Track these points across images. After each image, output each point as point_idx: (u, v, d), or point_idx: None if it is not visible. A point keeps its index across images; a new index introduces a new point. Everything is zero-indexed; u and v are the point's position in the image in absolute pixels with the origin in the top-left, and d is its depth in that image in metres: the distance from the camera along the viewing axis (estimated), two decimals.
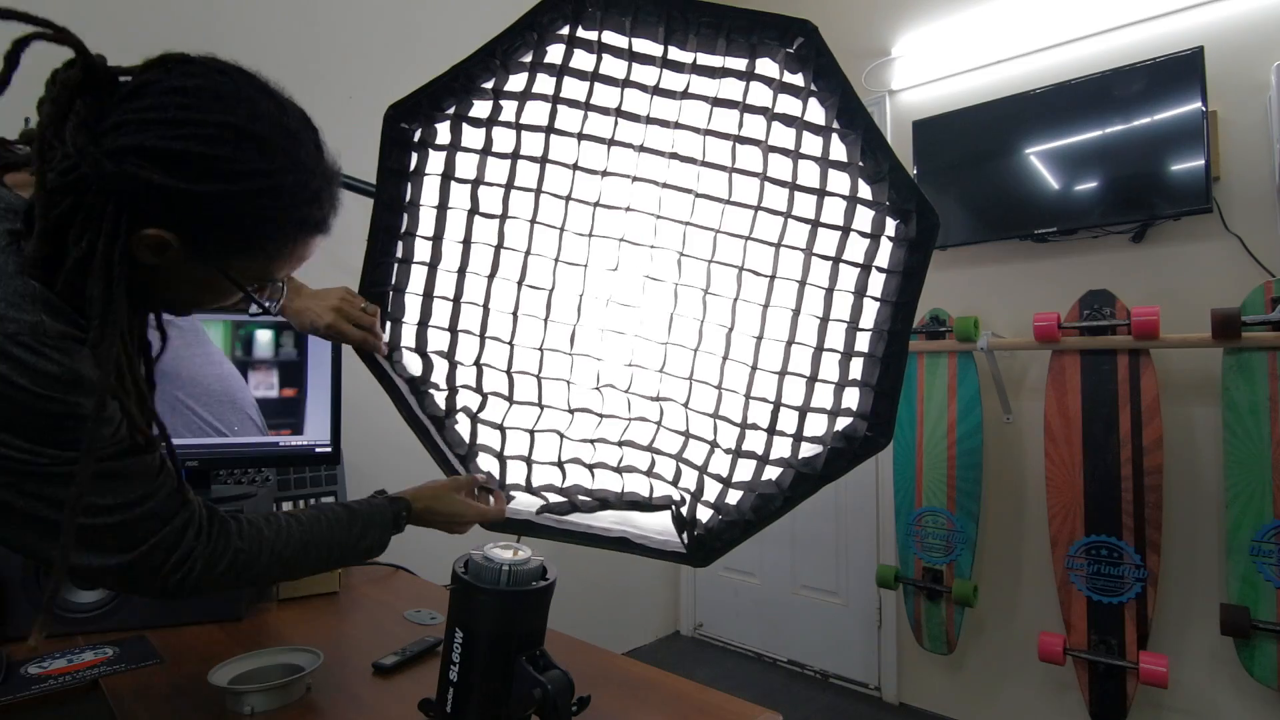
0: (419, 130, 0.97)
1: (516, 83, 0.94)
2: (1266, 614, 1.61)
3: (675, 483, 0.96)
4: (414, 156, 0.98)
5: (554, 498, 0.99)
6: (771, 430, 0.91)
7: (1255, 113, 1.81)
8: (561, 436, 0.98)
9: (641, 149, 0.91)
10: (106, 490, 0.56)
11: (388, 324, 1.01)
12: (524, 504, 1.02)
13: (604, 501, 0.96)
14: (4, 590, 1.03)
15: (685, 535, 0.95)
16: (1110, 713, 1.83)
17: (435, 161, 0.97)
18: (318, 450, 1.33)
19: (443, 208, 0.97)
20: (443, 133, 0.97)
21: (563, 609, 1.09)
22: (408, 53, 2.21)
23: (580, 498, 0.97)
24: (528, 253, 0.94)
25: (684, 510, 0.94)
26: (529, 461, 1.00)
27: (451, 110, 0.95)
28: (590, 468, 0.98)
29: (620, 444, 0.96)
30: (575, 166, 0.92)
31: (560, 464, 0.99)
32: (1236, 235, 1.82)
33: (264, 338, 1.29)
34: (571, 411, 0.97)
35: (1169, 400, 1.88)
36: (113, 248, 0.53)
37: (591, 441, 0.97)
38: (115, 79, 0.56)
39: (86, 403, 0.52)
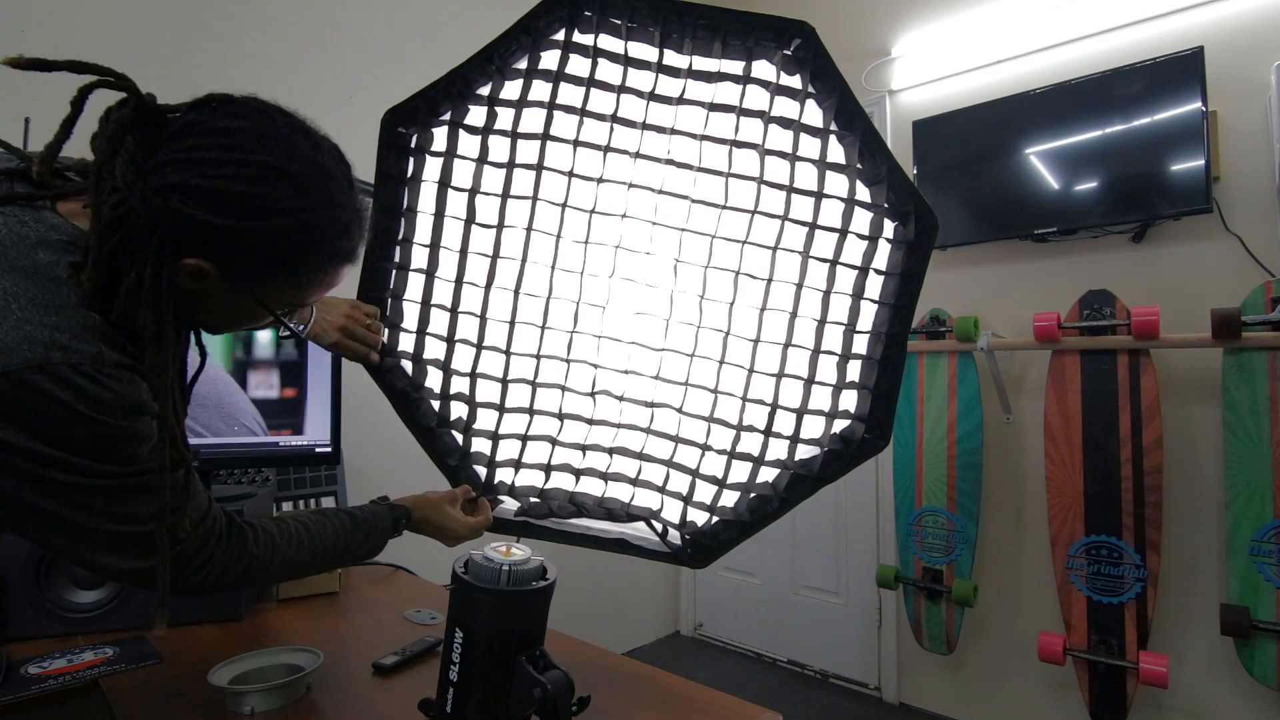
0: (415, 136, 0.97)
1: (512, 90, 0.94)
2: (1266, 614, 1.61)
3: (663, 488, 0.96)
4: (411, 162, 0.98)
5: (535, 501, 0.99)
6: (768, 432, 0.92)
7: (1255, 113, 1.80)
8: (553, 443, 0.98)
9: (638, 155, 0.91)
10: (144, 501, 0.60)
11: (385, 330, 1.01)
12: (513, 508, 1.02)
13: (581, 507, 0.97)
14: (4, 590, 1.03)
15: (680, 537, 0.95)
16: (1110, 713, 1.83)
17: (432, 168, 0.97)
18: (318, 450, 1.33)
19: (439, 215, 0.97)
20: (439, 139, 0.97)
21: (563, 609, 1.09)
22: (407, 54, 2.21)
23: (556, 503, 0.97)
24: (524, 260, 0.94)
25: (656, 524, 0.95)
26: (517, 465, 1.00)
27: (448, 117, 0.95)
28: (577, 474, 0.98)
29: (611, 451, 0.96)
30: (571, 174, 0.92)
31: (547, 468, 0.99)
32: (1236, 235, 1.82)
33: (264, 337, 1.29)
34: (561, 418, 0.97)
35: (1169, 400, 1.88)
36: (159, 277, 0.57)
37: (582, 448, 0.97)
38: (164, 116, 0.59)
39: (138, 426, 0.57)
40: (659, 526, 0.94)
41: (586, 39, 0.92)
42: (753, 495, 0.93)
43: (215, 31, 1.84)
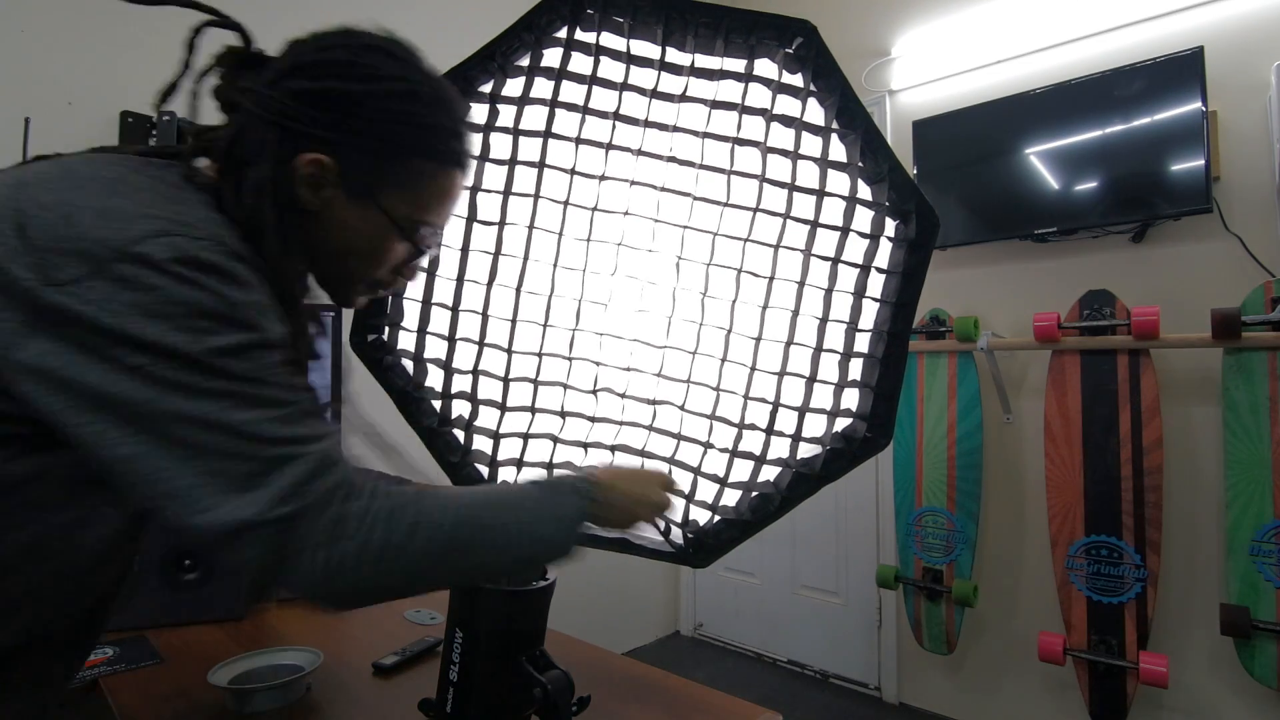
0: None
1: (514, 87, 0.94)
2: (1266, 614, 1.61)
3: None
4: None
5: None
6: (770, 430, 0.91)
7: (1255, 113, 1.81)
8: (555, 441, 0.98)
9: (640, 153, 0.91)
10: (281, 420, 0.49)
11: (386, 328, 1.01)
12: None
13: None
14: None
15: (682, 535, 0.95)
16: (1110, 713, 1.83)
17: None
18: None
19: None
20: None
21: (563, 609, 1.09)
22: None
23: None
24: (525, 258, 0.94)
25: (660, 522, 0.94)
26: (519, 464, 1.00)
27: None
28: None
29: (613, 449, 0.96)
30: (573, 171, 0.92)
31: (549, 467, 0.98)
32: (1236, 235, 1.82)
33: None
34: (563, 416, 0.97)
35: (1169, 400, 1.88)
36: (280, 173, 0.56)
37: (584, 446, 0.97)
38: (265, 56, 0.64)
39: (268, 325, 0.51)
40: (662, 525, 0.93)
41: (589, 36, 0.92)
42: (755, 494, 0.93)
43: (215, 31, 1.83)
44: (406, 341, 1.01)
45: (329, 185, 0.59)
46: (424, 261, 0.72)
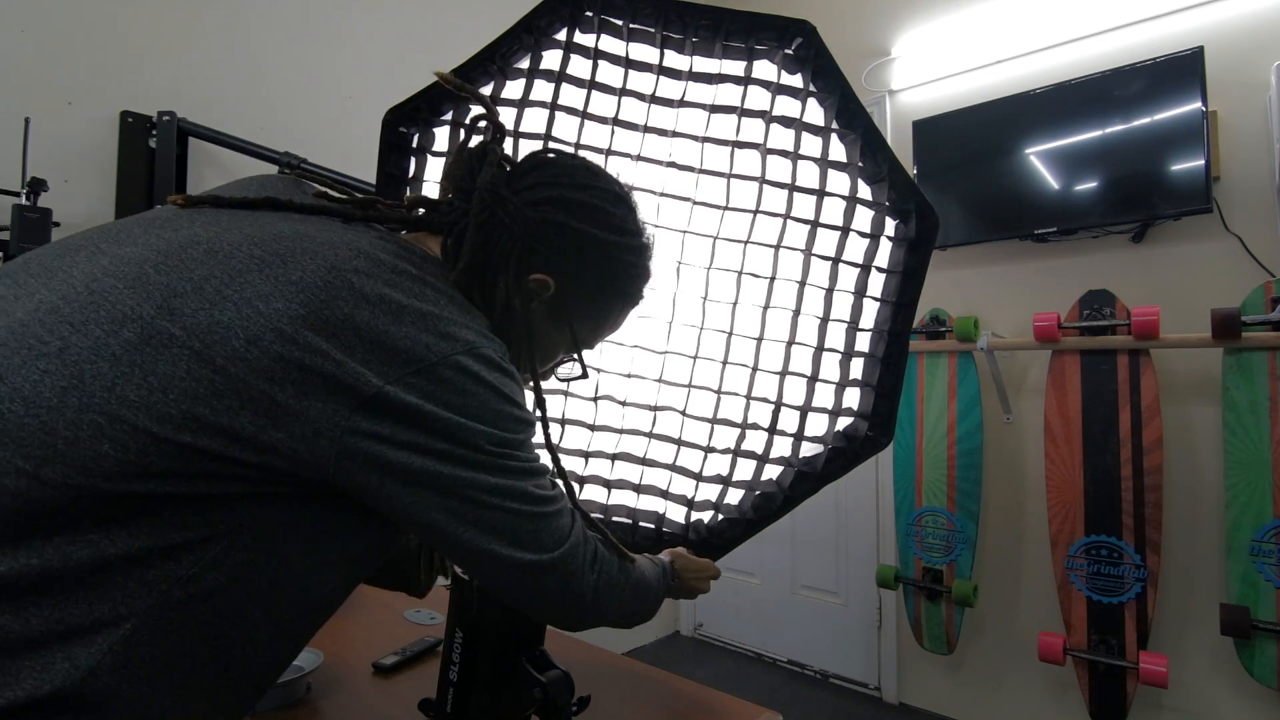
0: (417, 136, 0.97)
1: (514, 89, 0.94)
2: (1266, 614, 1.61)
3: (666, 493, 0.96)
4: (413, 162, 0.98)
5: None
6: (772, 430, 0.92)
7: (1255, 113, 1.81)
8: (554, 450, 0.98)
9: (639, 158, 0.91)
10: (539, 489, 0.58)
11: None
12: None
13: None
14: None
15: (685, 535, 0.95)
16: (1110, 713, 1.83)
17: (434, 169, 0.97)
18: None
19: None
20: (441, 139, 0.97)
21: None
22: (408, 54, 2.21)
23: None
24: None
25: (666, 529, 0.94)
26: None
27: (450, 116, 0.95)
28: (580, 481, 0.98)
29: (614, 457, 0.96)
30: None
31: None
32: (1236, 235, 1.82)
33: None
34: (564, 424, 0.97)
35: (1169, 400, 1.88)
36: (519, 286, 0.62)
37: (585, 455, 0.97)
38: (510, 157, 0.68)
39: (531, 421, 0.58)
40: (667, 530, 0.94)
41: (588, 39, 0.92)
42: (757, 493, 0.93)
43: (215, 31, 1.84)
44: None
45: (539, 300, 0.64)
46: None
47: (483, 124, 0.65)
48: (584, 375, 0.73)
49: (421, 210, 0.64)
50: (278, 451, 0.46)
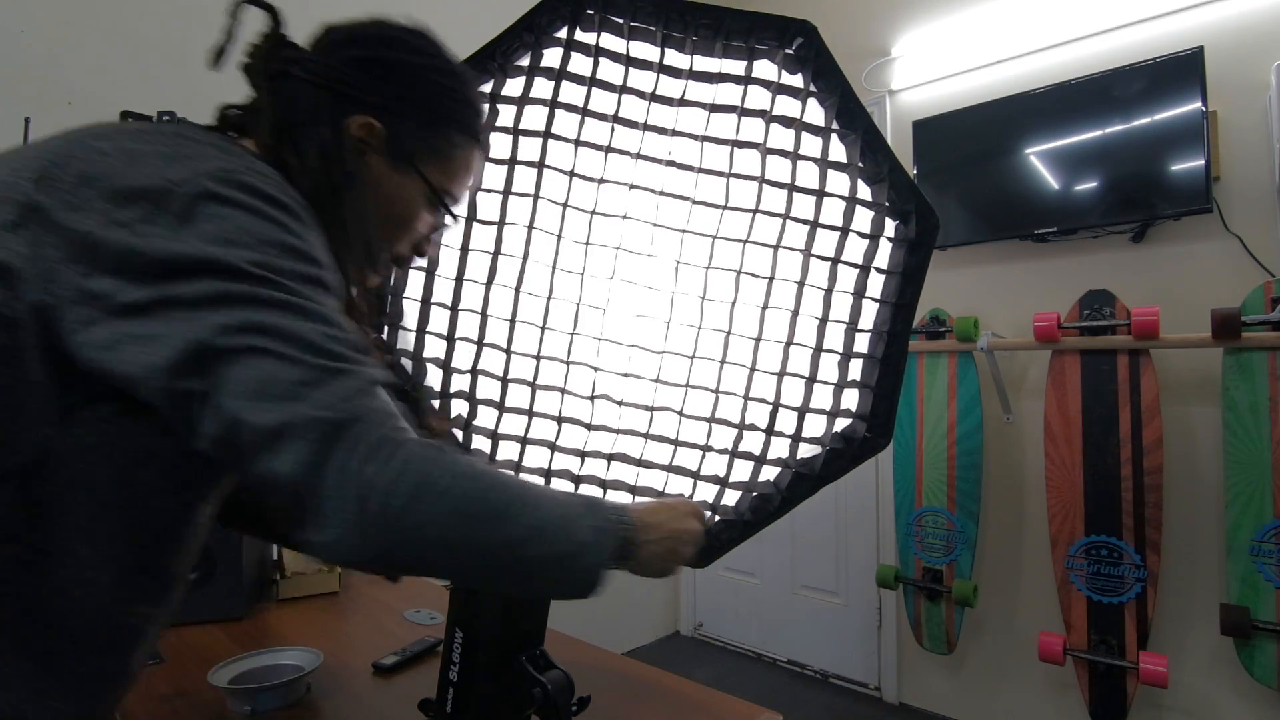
0: None
1: (514, 87, 0.94)
2: (1266, 614, 1.61)
3: (662, 495, 0.96)
4: None
5: None
6: (770, 431, 0.91)
7: (1255, 113, 1.81)
8: (552, 449, 0.98)
9: (639, 156, 0.91)
10: (328, 336, 0.47)
11: (385, 327, 1.01)
12: None
13: None
14: None
15: None
16: (1110, 713, 1.83)
17: None
18: None
19: None
20: None
21: (563, 609, 1.09)
22: None
23: None
24: (525, 258, 0.94)
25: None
26: (517, 469, 1.00)
27: None
28: (576, 480, 0.98)
29: (609, 458, 0.96)
30: (572, 174, 0.92)
31: (548, 474, 0.98)
32: (1236, 235, 1.82)
33: None
34: (560, 422, 0.97)
35: (1169, 400, 1.88)
36: (340, 134, 0.59)
37: (581, 454, 0.97)
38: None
39: (325, 263, 0.51)
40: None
41: (589, 37, 0.92)
42: (755, 494, 0.93)
43: (215, 31, 1.84)
44: (406, 341, 1.01)
45: (373, 150, 0.61)
46: (442, 236, 0.76)
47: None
48: (455, 219, 0.71)
49: (236, 111, 0.62)
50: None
